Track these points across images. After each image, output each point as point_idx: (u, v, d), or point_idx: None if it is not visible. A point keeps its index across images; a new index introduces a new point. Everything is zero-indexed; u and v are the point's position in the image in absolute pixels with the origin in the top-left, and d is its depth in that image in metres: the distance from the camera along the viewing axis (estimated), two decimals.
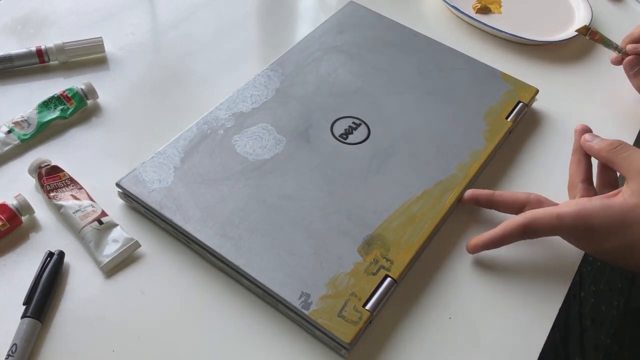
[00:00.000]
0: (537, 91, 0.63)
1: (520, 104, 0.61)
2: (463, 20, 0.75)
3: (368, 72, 0.62)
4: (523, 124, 0.63)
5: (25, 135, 0.55)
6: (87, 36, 0.63)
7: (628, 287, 0.73)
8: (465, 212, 0.54)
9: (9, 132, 0.55)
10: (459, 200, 0.53)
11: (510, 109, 0.60)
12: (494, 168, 0.58)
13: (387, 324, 0.46)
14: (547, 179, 0.58)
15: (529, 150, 0.61)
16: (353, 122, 0.56)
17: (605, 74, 0.68)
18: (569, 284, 0.50)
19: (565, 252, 0.52)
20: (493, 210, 0.54)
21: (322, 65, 0.62)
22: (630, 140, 0.63)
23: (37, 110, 0.56)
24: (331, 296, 0.44)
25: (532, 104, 0.63)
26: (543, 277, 0.50)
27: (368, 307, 0.44)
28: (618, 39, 0.68)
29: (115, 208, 0.51)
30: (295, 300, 0.44)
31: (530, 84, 0.63)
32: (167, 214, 0.48)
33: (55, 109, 0.57)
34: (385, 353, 0.45)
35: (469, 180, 0.54)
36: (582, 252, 0.52)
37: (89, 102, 0.59)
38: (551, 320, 0.48)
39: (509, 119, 0.59)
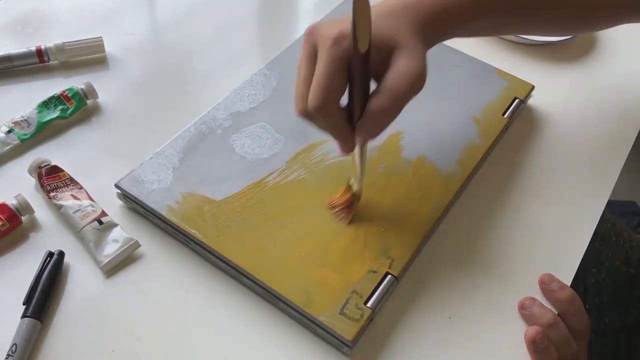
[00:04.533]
0: (533, 87, 0.63)
1: (517, 100, 0.61)
2: None
3: None
4: (519, 120, 0.63)
5: (25, 135, 0.55)
6: (87, 36, 0.63)
7: (627, 299, 0.73)
8: (464, 208, 0.54)
9: (9, 132, 0.55)
10: (458, 195, 0.53)
11: (507, 106, 0.60)
12: (491, 164, 0.58)
13: (388, 321, 0.46)
14: (543, 174, 0.58)
15: (525, 146, 0.61)
16: None
17: (604, 75, 0.68)
18: (569, 284, 0.50)
19: (564, 253, 0.52)
20: (492, 207, 0.54)
21: None
22: (630, 139, 0.63)
23: (37, 110, 0.56)
24: (333, 294, 0.44)
25: (528, 100, 0.63)
26: None
27: (369, 304, 0.44)
28: (619, 40, 0.68)
29: (115, 208, 0.51)
30: (296, 299, 0.44)
31: (529, 82, 0.63)
32: (167, 214, 0.48)
33: (55, 108, 0.57)
34: (387, 350, 0.45)
35: (467, 176, 0.54)
36: (580, 255, 0.52)
37: (89, 102, 0.59)
38: None
39: (505, 115, 0.59)
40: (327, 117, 0.41)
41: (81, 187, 0.51)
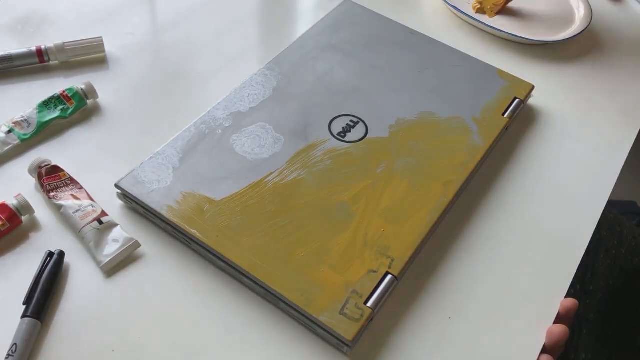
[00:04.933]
0: (533, 87, 0.63)
1: (517, 100, 0.61)
2: (463, 20, 0.75)
3: (365, 70, 0.62)
4: (519, 120, 0.63)
5: (25, 135, 0.55)
6: (87, 36, 0.63)
7: (636, 285, 0.74)
8: (464, 208, 0.54)
9: (9, 132, 0.55)
10: (458, 195, 0.53)
11: (507, 106, 0.60)
12: (492, 164, 0.58)
13: (388, 321, 0.46)
14: (543, 174, 0.58)
15: (525, 146, 0.61)
16: (351, 120, 0.56)
17: (604, 75, 0.69)
18: (569, 284, 0.50)
19: (564, 253, 0.52)
20: (492, 206, 0.54)
21: (319, 64, 0.62)
22: (630, 139, 0.63)
23: (37, 110, 0.56)
24: (333, 294, 0.44)
25: (528, 100, 0.63)
26: (543, 277, 0.50)
27: (369, 304, 0.44)
28: (619, 40, 0.68)
29: (115, 208, 0.51)
30: (296, 299, 0.44)
31: (529, 82, 0.63)
32: (167, 214, 0.48)
33: (55, 108, 0.57)
34: (387, 350, 0.45)
35: (467, 176, 0.54)
36: (580, 255, 0.52)
37: (89, 102, 0.59)
38: (551, 320, 0.48)
39: (505, 115, 0.59)
40: None
41: (81, 187, 0.51)
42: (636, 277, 0.74)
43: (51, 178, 0.51)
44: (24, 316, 0.43)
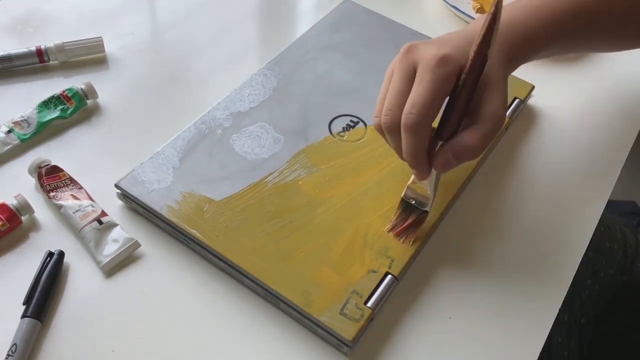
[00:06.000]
0: (533, 87, 0.63)
1: (517, 100, 0.61)
2: (463, 20, 0.75)
3: (365, 70, 0.62)
4: (519, 120, 0.63)
5: (25, 135, 0.55)
6: (87, 36, 0.63)
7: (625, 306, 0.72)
8: (464, 208, 0.54)
9: (9, 132, 0.55)
10: (457, 195, 0.53)
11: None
12: (491, 164, 0.58)
13: (388, 322, 0.46)
14: (543, 174, 0.58)
15: (525, 145, 0.61)
16: (351, 120, 0.56)
17: (603, 74, 0.69)
18: (568, 285, 0.50)
19: (565, 252, 0.52)
20: (492, 207, 0.54)
21: (319, 64, 0.62)
22: (630, 139, 0.63)
23: (37, 110, 0.56)
24: (333, 294, 0.44)
25: (528, 100, 0.63)
26: (543, 277, 0.50)
27: (369, 304, 0.44)
28: None
29: (115, 208, 0.51)
30: (296, 299, 0.44)
31: (529, 82, 0.63)
32: (167, 214, 0.48)
33: (55, 108, 0.57)
34: (387, 350, 0.45)
35: (467, 177, 0.54)
36: (580, 255, 0.52)
37: (89, 102, 0.59)
38: (551, 320, 0.48)
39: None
40: (418, 136, 0.42)
41: (81, 187, 0.51)
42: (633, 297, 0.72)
43: (51, 178, 0.51)
44: (23, 316, 0.43)
